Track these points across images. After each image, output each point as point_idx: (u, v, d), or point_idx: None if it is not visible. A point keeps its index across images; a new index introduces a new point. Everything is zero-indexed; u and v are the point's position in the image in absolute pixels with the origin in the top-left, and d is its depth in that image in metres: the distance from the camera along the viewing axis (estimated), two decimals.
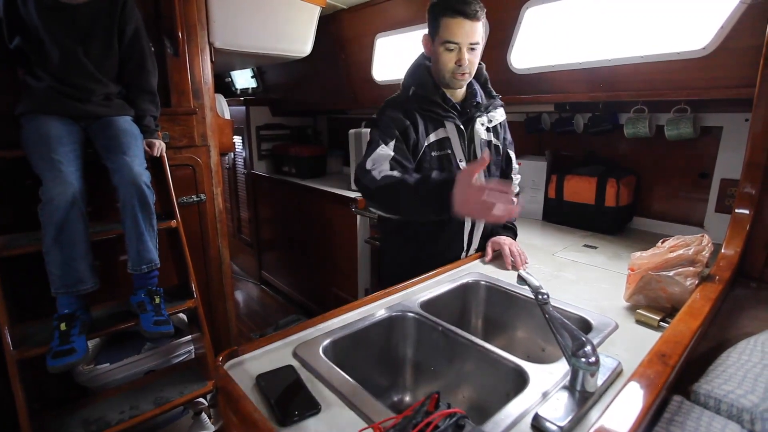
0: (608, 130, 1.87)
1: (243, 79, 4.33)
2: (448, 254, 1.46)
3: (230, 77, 4.50)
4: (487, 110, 1.45)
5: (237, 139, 3.76)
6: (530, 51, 1.95)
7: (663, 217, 1.83)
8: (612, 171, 1.83)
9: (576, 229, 1.88)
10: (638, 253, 1.15)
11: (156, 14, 1.88)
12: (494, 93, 1.50)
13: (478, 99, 1.42)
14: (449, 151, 1.36)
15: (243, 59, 2.89)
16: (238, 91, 4.52)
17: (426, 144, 1.34)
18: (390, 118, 1.32)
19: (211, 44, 2.04)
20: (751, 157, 1.20)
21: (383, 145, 1.27)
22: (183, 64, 1.95)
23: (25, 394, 1.28)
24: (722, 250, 1.22)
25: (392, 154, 1.26)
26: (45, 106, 1.42)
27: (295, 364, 0.89)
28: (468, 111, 1.40)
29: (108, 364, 1.63)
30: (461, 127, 1.38)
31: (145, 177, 1.46)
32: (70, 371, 1.57)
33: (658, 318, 1.02)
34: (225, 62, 3.07)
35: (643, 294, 1.09)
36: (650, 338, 0.97)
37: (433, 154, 1.35)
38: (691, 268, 1.06)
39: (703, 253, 1.10)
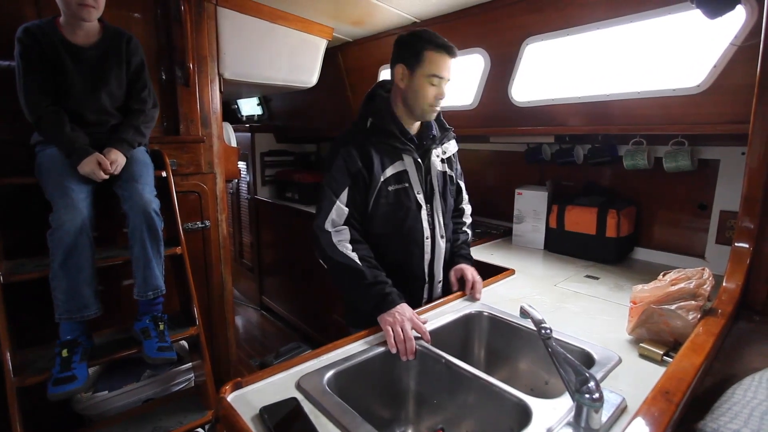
0: (608, 162, 1.90)
1: (249, 106, 4.44)
2: (414, 286, 1.43)
3: (236, 104, 4.61)
4: (441, 142, 1.46)
5: (241, 165, 3.82)
6: (531, 85, 2.01)
7: (664, 248, 1.84)
8: (612, 202, 1.85)
9: (577, 258, 1.89)
10: (640, 286, 1.15)
11: (168, 45, 1.96)
12: (447, 125, 1.51)
13: (434, 131, 1.44)
14: (407, 185, 1.36)
15: (250, 88, 2.98)
16: (244, 118, 4.62)
17: (382, 180, 1.32)
18: (342, 161, 1.30)
19: (220, 75, 2.11)
20: (748, 192, 1.22)
21: (337, 201, 1.28)
22: (193, 94, 2.01)
23: (22, 422, 1.27)
24: (724, 284, 1.23)
25: (347, 211, 1.29)
26: None
27: (299, 396, 0.89)
28: (424, 143, 1.40)
29: (107, 392, 1.62)
30: (419, 160, 1.37)
31: (154, 204, 1.48)
32: (68, 399, 1.55)
33: (662, 352, 1.02)
34: (232, 91, 3.16)
35: (646, 327, 1.09)
36: (654, 373, 0.97)
37: (390, 188, 1.33)
38: (693, 302, 1.06)
39: (705, 286, 1.10)
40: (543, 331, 0.82)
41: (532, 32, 1.86)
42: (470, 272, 1.44)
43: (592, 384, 0.74)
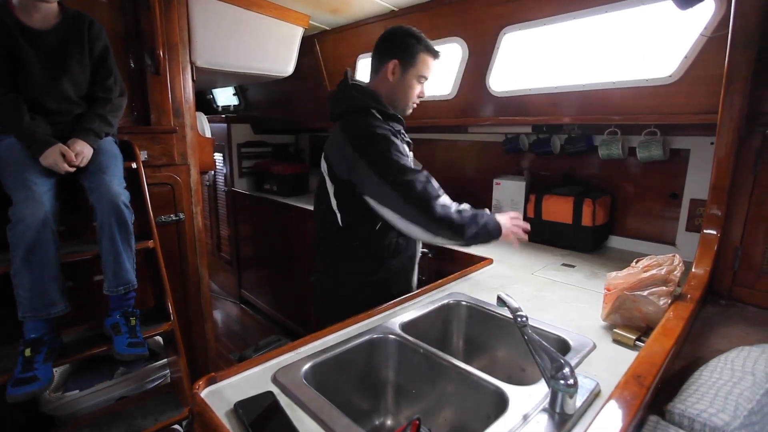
0: (584, 152, 1.93)
1: (224, 96, 4.33)
2: (399, 283, 1.46)
3: (212, 94, 4.49)
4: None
5: (218, 157, 3.73)
6: (508, 74, 2.01)
7: (637, 236, 1.89)
8: (588, 191, 1.88)
9: (554, 247, 1.92)
10: (614, 273, 1.18)
11: (137, 32, 1.88)
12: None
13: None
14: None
15: (225, 77, 2.90)
16: (220, 108, 4.51)
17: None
18: (398, 142, 1.30)
19: (192, 63, 2.04)
20: (716, 181, 1.26)
21: (420, 169, 1.27)
22: (164, 83, 1.94)
23: None
24: (692, 270, 1.27)
25: (426, 172, 1.28)
26: None
27: (275, 390, 0.87)
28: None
29: (77, 391, 1.57)
30: (411, 144, 1.45)
31: (123, 197, 1.43)
32: (35, 399, 1.50)
33: (634, 337, 1.05)
34: (206, 80, 3.07)
35: (619, 313, 1.11)
36: (627, 357, 0.99)
37: None
38: (663, 288, 1.09)
39: (675, 272, 1.13)
40: (519, 319, 0.83)
41: (509, 22, 1.86)
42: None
43: (566, 370, 0.75)
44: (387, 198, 1.24)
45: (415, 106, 1.45)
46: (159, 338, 1.87)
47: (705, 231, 1.30)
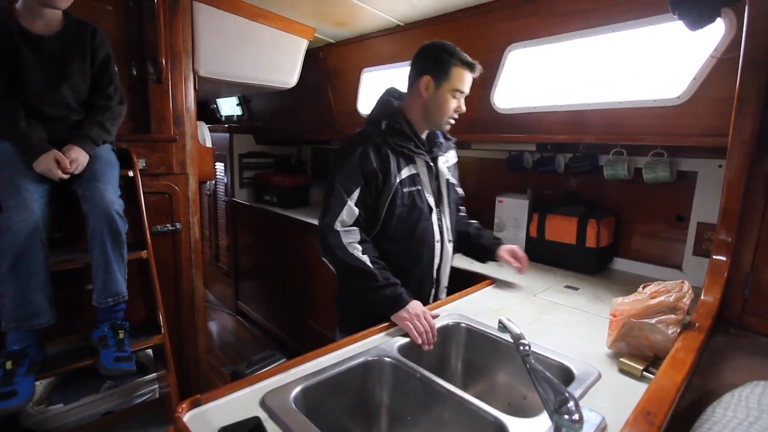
0: (588, 171, 1.90)
1: (228, 106, 4.34)
2: (420, 291, 1.44)
3: (215, 104, 4.50)
4: (446, 150, 1.52)
5: (219, 166, 3.71)
6: (513, 92, 1.99)
7: (643, 259, 1.84)
8: (592, 211, 1.85)
9: (557, 268, 1.87)
10: (620, 299, 1.13)
11: (141, 40, 1.87)
12: (449, 136, 1.57)
13: (441, 140, 1.50)
14: (419, 187, 1.40)
15: (229, 88, 2.90)
16: (223, 118, 4.52)
17: (398, 181, 1.35)
18: (358, 161, 1.31)
19: (195, 72, 2.03)
20: (726, 205, 1.22)
21: (349, 201, 1.30)
22: (165, 91, 1.92)
23: None
24: (702, 297, 1.22)
25: (357, 211, 1.30)
26: None
27: (262, 414, 0.83)
28: (433, 150, 1.46)
29: (61, 405, 1.51)
30: (431, 163, 1.43)
31: (117, 205, 1.40)
32: (15, 413, 1.44)
33: (641, 367, 1.00)
34: (210, 90, 3.07)
35: (626, 341, 1.06)
36: (634, 389, 0.95)
37: (405, 190, 1.36)
38: (672, 316, 1.05)
39: (684, 300, 1.09)
40: (522, 348, 0.78)
41: (515, 39, 1.85)
42: (519, 249, 1.57)
43: (571, 404, 0.70)
44: None
45: (452, 121, 1.42)
46: (150, 352, 1.82)
47: (714, 257, 1.25)
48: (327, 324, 2.70)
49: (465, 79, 1.36)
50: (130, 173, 1.67)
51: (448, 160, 1.53)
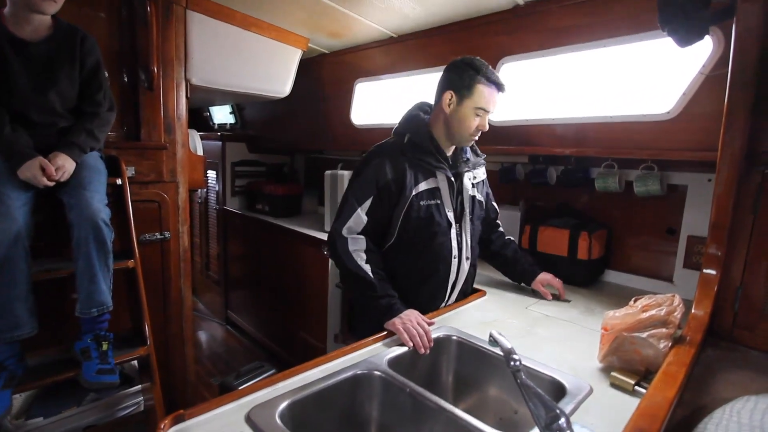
0: (580, 184, 1.91)
1: (221, 114, 4.33)
2: (430, 306, 1.43)
3: (209, 112, 4.49)
4: (474, 167, 1.52)
5: (211, 174, 3.69)
6: (505, 104, 2.00)
7: (634, 271, 1.84)
8: (584, 224, 1.85)
9: None
10: (611, 312, 1.13)
11: (133, 47, 1.86)
12: (479, 152, 1.57)
13: (468, 156, 1.49)
14: (439, 201, 1.39)
15: (222, 96, 2.89)
16: (216, 126, 4.50)
17: (414, 193, 1.35)
18: (373, 172, 1.34)
19: (187, 80, 2.02)
20: (716, 219, 1.22)
21: (359, 209, 1.32)
22: (156, 98, 1.91)
23: None
24: (692, 311, 1.22)
25: (365, 220, 1.33)
26: None
27: (248, 430, 0.80)
28: (458, 165, 1.45)
29: (41, 419, 1.47)
30: (452, 179, 1.41)
31: (103, 214, 1.37)
32: None
33: (633, 382, 0.99)
34: (203, 98, 3.06)
35: (617, 356, 1.06)
36: (625, 404, 0.94)
37: (422, 203, 1.36)
38: (663, 330, 1.04)
39: (675, 314, 1.09)
40: (512, 363, 0.77)
41: (507, 52, 1.86)
42: (553, 278, 1.62)
43: (562, 421, 0.69)
44: None
45: (475, 138, 1.42)
46: (136, 363, 1.78)
47: (705, 271, 1.25)
48: (318, 334, 2.67)
49: (489, 98, 1.34)
50: (119, 181, 1.64)
51: (476, 176, 1.54)
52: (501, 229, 1.75)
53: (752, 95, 1.13)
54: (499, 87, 1.35)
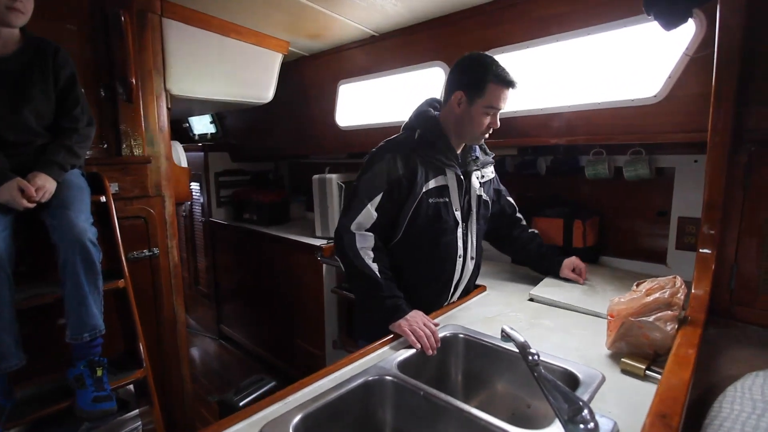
0: (570, 172, 1.92)
1: (201, 124, 4.24)
2: (434, 305, 1.42)
3: (188, 122, 4.40)
4: (482, 166, 1.51)
5: (194, 186, 3.61)
6: None
7: (628, 255, 1.86)
8: (577, 212, 1.86)
9: None
10: (616, 298, 1.13)
11: (108, 60, 1.80)
12: (488, 151, 1.56)
13: (477, 154, 1.48)
14: (447, 199, 1.38)
15: (202, 105, 2.83)
16: (197, 137, 4.41)
17: (424, 191, 1.34)
18: (386, 166, 1.31)
19: (167, 90, 1.96)
20: (709, 199, 1.24)
21: (369, 205, 1.30)
22: (136, 111, 1.85)
23: None
24: (692, 291, 1.23)
25: (375, 216, 1.30)
26: None
27: None
28: (467, 164, 1.44)
29: None
30: (461, 177, 1.40)
31: (90, 233, 1.31)
32: None
33: (644, 366, 0.99)
34: (183, 108, 2.99)
35: (626, 341, 1.06)
36: (639, 389, 0.94)
37: (430, 201, 1.35)
38: (669, 312, 1.04)
39: (678, 295, 1.09)
40: (531, 358, 0.76)
41: (492, 45, 1.86)
42: (577, 260, 1.64)
43: (585, 413, 0.68)
44: None
45: (486, 136, 1.40)
46: (131, 386, 1.71)
47: (701, 250, 1.27)
48: (316, 342, 2.63)
49: (501, 96, 1.31)
50: (102, 198, 1.58)
51: (484, 175, 1.52)
52: (524, 222, 1.73)
53: (738, 73, 1.14)
54: (511, 84, 1.31)
